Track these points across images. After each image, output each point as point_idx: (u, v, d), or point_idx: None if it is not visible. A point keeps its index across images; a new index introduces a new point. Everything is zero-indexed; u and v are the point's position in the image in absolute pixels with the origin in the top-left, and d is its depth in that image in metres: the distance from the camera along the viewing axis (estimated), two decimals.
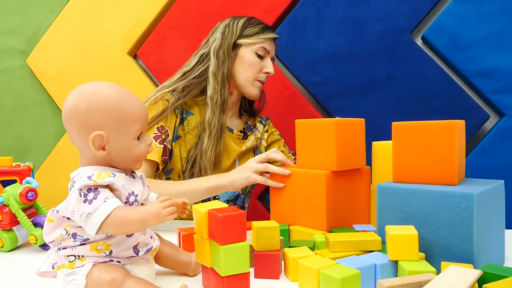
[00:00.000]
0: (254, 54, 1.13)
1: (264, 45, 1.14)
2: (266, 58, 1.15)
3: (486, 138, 1.29)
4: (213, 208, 0.58)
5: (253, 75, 1.14)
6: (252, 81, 1.14)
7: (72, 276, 0.56)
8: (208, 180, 0.97)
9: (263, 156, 0.94)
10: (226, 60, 1.11)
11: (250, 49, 1.13)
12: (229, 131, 1.17)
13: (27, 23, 1.67)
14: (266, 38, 1.14)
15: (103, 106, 0.56)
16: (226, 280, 0.55)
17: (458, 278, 0.50)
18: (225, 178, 0.95)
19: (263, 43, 1.14)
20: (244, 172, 0.92)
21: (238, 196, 1.17)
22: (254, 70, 1.14)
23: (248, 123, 1.26)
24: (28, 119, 1.70)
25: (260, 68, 1.14)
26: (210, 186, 0.96)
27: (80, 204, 0.53)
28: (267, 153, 0.94)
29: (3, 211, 0.83)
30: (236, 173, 0.94)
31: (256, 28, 1.14)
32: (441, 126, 0.66)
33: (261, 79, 1.15)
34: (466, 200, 0.59)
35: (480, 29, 1.28)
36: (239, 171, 0.94)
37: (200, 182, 0.97)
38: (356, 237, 0.66)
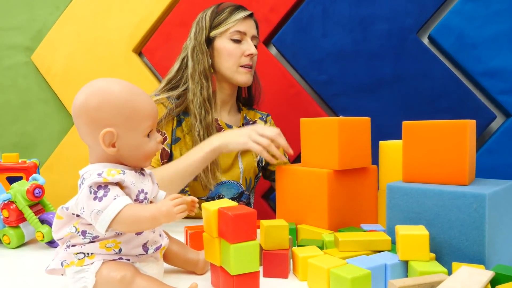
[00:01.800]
0: (229, 42, 1.08)
1: (237, 28, 1.08)
2: (244, 40, 1.10)
3: (492, 138, 1.29)
4: (223, 206, 0.57)
5: (234, 63, 1.09)
6: (236, 69, 1.10)
7: (81, 274, 0.55)
8: (201, 148, 0.93)
9: (270, 132, 0.89)
10: (202, 59, 1.07)
11: (224, 38, 1.09)
12: (228, 127, 1.14)
13: (32, 20, 1.67)
14: (237, 20, 1.08)
15: (114, 103, 0.55)
16: (236, 279, 0.55)
17: (470, 279, 0.50)
18: (220, 139, 0.92)
19: (235, 26, 1.08)
20: (242, 137, 0.89)
21: (242, 193, 1.16)
22: (234, 57, 1.09)
23: (248, 118, 1.23)
24: (32, 116, 1.70)
25: (240, 53, 1.09)
26: (206, 153, 0.92)
27: (90, 201, 0.53)
28: (275, 132, 0.89)
29: (10, 208, 0.83)
30: (233, 136, 0.91)
31: (224, 14, 1.09)
32: (453, 125, 0.65)
33: (245, 63, 1.10)
34: (478, 201, 0.58)
35: (487, 29, 1.27)
36: (238, 134, 0.91)
37: (195, 153, 0.94)
38: (365, 237, 0.65)
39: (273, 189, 1.48)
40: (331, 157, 0.78)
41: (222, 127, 1.13)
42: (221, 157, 1.11)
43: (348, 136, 0.79)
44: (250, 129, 0.91)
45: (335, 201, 0.78)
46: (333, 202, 0.77)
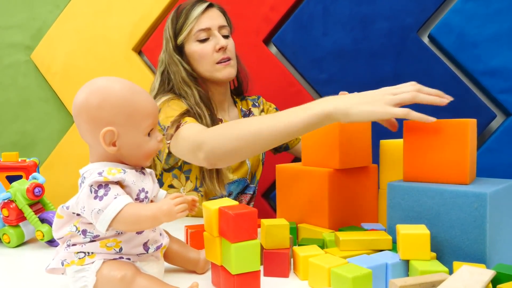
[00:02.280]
0: (197, 43, 1.04)
1: (199, 26, 1.03)
2: (211, 36, 1.05)
3: (492, 137, 1.29)
4: (224, 205, 0.57)
5: (209, 62, 1.05)
6: (213, 68, 1.05)
7: (82, 273, 0.55)
8: (307, 109, 0.70)
9: (407, 87, 0.68)
10: (177, 70, 1.04)
11: (190, 41, 1.05)
12: None
13: (32, 18, 1.67)
14: (196, 18, 1.03)
15: (115, 102, 0.55)
16: (237, 278, 0.55)
17: (471, 278, 0.50)
18: (334, 103, 0.68)
19: (196, 25, 1.03)
20: (373, 103, 0.66)
21: (247, 186, 1.15)
22: (206, 57, 1.04)
23: (243, 109, 1.20)
24: (32, 115, 1.69)
25: (210, 50, 1.04)
26: (312, 116, 0.69)
27: (90, 200, 0.53)
28: (413, 84, 0.69)
29: (10, 207, 0.82)
30: (357, 102, 0.67)
31: (182, 17, 1.04)
32: (454, 124, 0.65)
33: (220, 58, 1.05)
34: (479, 200, 0.58)
35: (488, 28, 1.27)
36: (363, 99, 0.67)
37: (297, 113, 0.71)
38: (366, 236, 0.65)
39: (273, 188, 1.48)
40: (331, 156, 0.78)
41: None
42: None
43: (349, 135, 0.79)
44: (380, 91, 0.69)
45: (335, 200, 0.77)
46: (334, 201, 0.77)
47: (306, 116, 0.70)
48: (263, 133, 0.74)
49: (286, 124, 0.72)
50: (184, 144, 0.88)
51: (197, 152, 0.82)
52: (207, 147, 0.80)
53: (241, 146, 0.77)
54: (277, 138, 0.74)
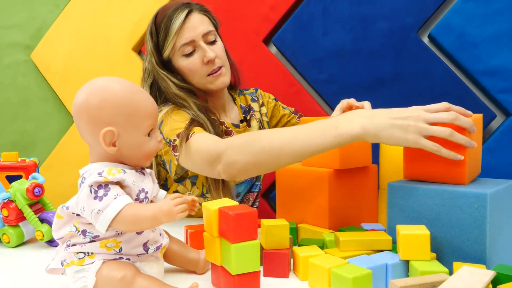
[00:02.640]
0: (183, 58, 0.98)
1: (181, 41, 0.96)
2: (197, 47, 0.98)
3: (492, 137, 1.29)
4: (224, 206, 0.57)
5: (200, 76, 1.00)
6: (206, 81, 1.01)
7: (82, 273, 0.55)
8: (335, 130, 0.67)
9: (445, 116, 0.62)
10: (166, 85, 0.98)
11: (177, 56, 0.99)
12: (236, 127, 1.11)
13: (31, 18, 1.67)
14: (176, 32, 0.95)
15: (115, 102, 0.55)
16: (237, 279, 0.55)
17: (472, 278, 0.49)
18: (366, 124, 0.65)
19: (178, 39, 0.96)
20: (406, 130, 0.63)
21: (253, 185, 1.14)
22: (196, 71, 0.99)
23: (243, 105, 1.16)
24: (32, 114, 1.69)
25: (199, 64, 0.98)
26: (339, 139, 0.67)
27: (90, 200, 0.53)
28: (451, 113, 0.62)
29: (10, 207, 0.82)
30: (389, 125, 0.64)
31: (162, 33, 0.97)
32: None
33: (210, 70, 1.00)
34: (479, 200, 0.58)
35: (488, 28, 1.27)
36: (396, 123, 0.63)
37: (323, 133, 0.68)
38: (366, 236, 0.65)
39: (273, 188, 1.48)
40: (332, 157, 0.78)
41: (230, 129, 1.09)
42: None
43: None
44: (414, 115, 0.64)
45: (335, 200, 0.77)
46: (334, 202, 0.77)
47: (333, 138, 0.68)
48: (286, 150, 0.72)
49: (310, 145, 0.70)
50: (198, 157, 0.83)
51: (215, 164, 0.78)
52: (228, 159, 0.76)
53: (262, 160, 0.74)
54: (301, 156, 0.72)
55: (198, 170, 0.86)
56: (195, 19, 0.98)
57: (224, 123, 1.08)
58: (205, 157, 0.81)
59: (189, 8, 0.98)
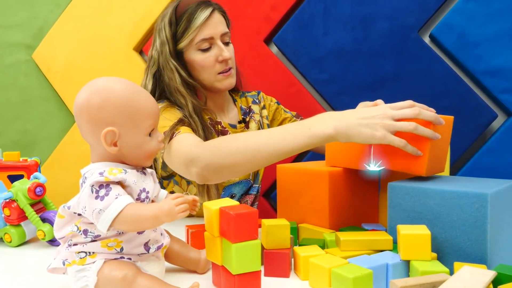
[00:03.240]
0: (198, 52, 0.99)
1: (202, 36, 0.98)
2: (213, 45, 1.00)
3: (493, 137, 1.29)
4: (224, 205, 0.57)
5: (210, 73, 1.01)
6: (215, 78, 1.02)
7: (83, 273, 0.55)
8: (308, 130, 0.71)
9: (409, 112, 0.67)
10: (172, 76, 0.98)
11: (191, 50, 0.99)
12: (232, 128, 1.10)
13: (33, 18, 1.67)
14: (198, 27, 0.97)
15: (116, 102, 0.55)
16: (238, 278, 0.55)
17: (472, 278, 0.50)
18: (337, 125, 0.69)
19: (198, 34, 0.97)
20: (374, 127, 0.67)
21: (250, 187, 1.14)
22: (208, 68, 1.00)
23: (243, 107, 1.16)
24: (33, 114, 1.69)
25: (213, 61, 1.00)
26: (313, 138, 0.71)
27: (91, 200, 0.53)
28: (414, 109, 0.67)
29: (11, 206, 0.83)
30: (358, 124, 0.68)
31: (183, 23, 0.98)
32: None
33: (222, 69, 1.01)
34: (480, 200, 0.58)
35: (489, 28, 1.27)
36: (365, 122, 0.67)
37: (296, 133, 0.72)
38: (367, 236, 0.65)
39: (274, 188, 1.48)
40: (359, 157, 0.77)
41: (227, 129, 1.09)
42: None
43: None
44: (380, 113, 0.68)
45: (336, 200, 0.77)
46: (334, 201, 0.77)
47: (306, 138, 0.71)
48: (261, 151, 0.74)
49: (285, 145, 0.72)
50: (176, 157, 0.84)
51: (190, 166, 0.79)
52: (202, 162, 0.77)
53: (236, 162, 0.76)
54: (274, 158, 0.74)
55: (176, 170, 0.87)
56: (217, 19, 1.01)
57: (220, 123, 1.08)
58: (181, 159, 0.82)
59: (212, 7, 1.00)
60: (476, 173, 1.26)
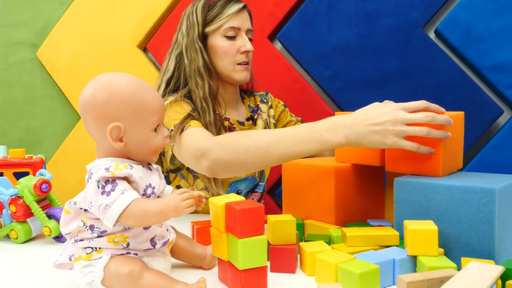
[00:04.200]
0: (223, 39, 1.03)
1: (231, 24, 1.03)
2: (239, 36, 1.05)
3: (499, 133, 1.28)
4: (230, 201, 0.57)
5: (230, 61, 1.05)
6: (233, 68, 1.05)
7: (90, 268, 0.55)
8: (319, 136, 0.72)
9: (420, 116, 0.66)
10: (195, 57, 1.02)
11: (217, 35, 1.04)
12: (240, 124, 1.11)
13: (37, 16, 1.67)
14: (230, 15, 1.02)
15: (121, 97, 0.55)
16: (244, 274, 0.55)
17: (480, 274, 0.49)
18: (349, 133, 0.69)
19: (228, 22, 1.03)
20: (385, 135, 0.67)
21: (257, 185, 1.14)
22: (230, 55, 1.04)
23: (251, 105, 1.19)
24: (38, 112, 1.70)
25: (235, 50, 1.04)
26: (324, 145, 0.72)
27: (98, 196, 0.53)
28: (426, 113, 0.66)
29: (17, 203, 0.83)
30: (370, 131, 0.68)
31: (216, 8, 1.03)
32: None
33: (241, 60, 1.05)
34: (488, 195, 0.58)
35: (495, 23, 1.26)
36: (376, 129, 0.67)
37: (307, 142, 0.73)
38: (373, 232, 0.65)
39: (279, 185, 1.48)
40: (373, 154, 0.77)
41: (234, 126, 1.10)
42: None
43: None
44: (391, 118, 0.67)
45: (342, 196, 0.77)
46: (340, 197, 0.77)
47: (317, 145, 0.72)
48: (271, 152, 0.76)
49: (295, 149, 0.74)
50: (187, 150, 0.87)
51: (200, 159, 0.82)
52: (212, 156, 0.80)
53: (246, 160, 0.78)
54: (283, 159, 0.77)
55: (185, 163, 0.91)
56: (246, 15, 1.08)
57: (229, 119, 1.09)
58: (192, 152, 0.85)
59: (244, 4, 1.07)
60: (482, 169, 1.25)
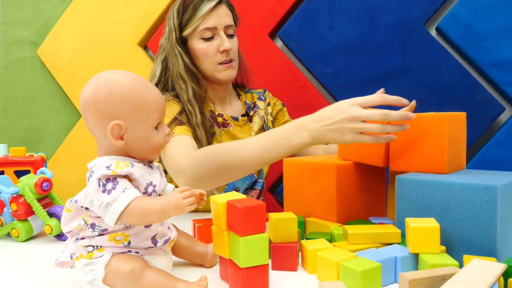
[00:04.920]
0: (200, 41, 1.03)
1: (205, 25, 1.02)
2: (216, 35, 1.04)
3: (501, 130, 1.27)
4: (232, 199, 0.57)
5: (211, 62, 1.04)
6: (215, 68, 1.05)
7: (91, 267, 0.55)
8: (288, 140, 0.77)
9: (376, 112, 0.68)
10: (176, 62, 1.03)
11: (194, 38, 1.04)
12: (234, 120, 1.12)
13: (37, 14, 1.67)
14: (202, 16, 1.01)
15: (122, 95, 0.55)
16: (246, 272, 0.55)
17: (482, 271, 0.49)
18: (314, 133, 0.75)
19: (202, 23, 1.02)
20: (342, 132, 0.71)
21: (255, 182, 1.14)
22: (209, 57, 1.04)
23: (248, 102, 1.19)
24: (39, 110, 1.70)
25: (214, 50, 1.04)
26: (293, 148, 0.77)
27: (99, 194, 0.53)
28: (382, 110, 0.69)
29: (18, 201, 0.83)
30: (332, 130, 0.73)
31: (189, 11, 1.02)
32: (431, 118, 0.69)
33: (222, 60, 1.04)
34: (490, 193, 0.58)
35: (496, 20, 1.26)
36: (336, 127, 0.72)
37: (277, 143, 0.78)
38: (375, 230, 0.65)
39: (279, 182, 1.47)
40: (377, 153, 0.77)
41: (228, 121, 1.11)
42: None
43: None
44: (346, 116, 0.71)
45: (344, 193, 0.77)
46: (342, 195, 0.77)
47: (288, 149, 0.78)
48: (247, 164, 0.82)
49: (267, 157, 0.80)
50: (167, 163, 0.91)
51: (178, 176, 0.86)
52: (188, 174, 0.84)
53: (222, 175, 0.83)
54: (259, 167, 0.82)
55: (168, 172, 0.93)
56: (223, 10, 1.04)
57: (222, 115, 1.10)
58: (170, 166, 0.89)
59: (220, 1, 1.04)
60: (484, 166, 1.25)
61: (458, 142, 0.73)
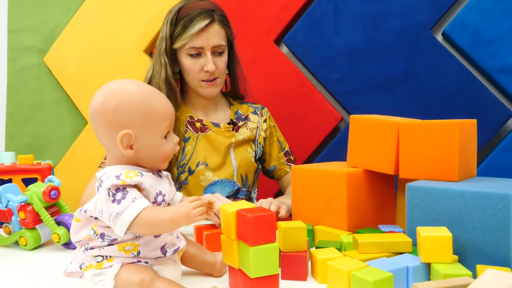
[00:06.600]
0: (187, 57, 1.06)
1: (192, 44, 1.04)
2: (202, 54, 1.06)
3: (509, 135, 1.26)
4: (241, 208, 0.57)
5: (194, 78, 1.08)
6: (198, 84, 1.09)
7: (100, 277, 0.55)
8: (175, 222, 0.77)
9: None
10: (159, 70, 1.05)
11: (182, 53, 1.07)
12: (215, 126, 1.13)
13: (44, 22, 1.68)
14: (191, 35, 1.03)
15: (132, 104, 0.55)
16: (256, 282, 0.54)
17: (498, 282, 0.48)
18: None
19: (190, 41, 1.04)
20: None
21: (238, 190, 1.14)
22: (193, 73, 1.07)
23: (240, 112, 1.19)
24: (45, 117, 1.70)
25: (199, 68, 1.06)
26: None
27: (108, 204, 0.52)
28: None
29: (26, 210, 0.83)
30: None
31: (180, 27, 1.04)
32: (443, 125, 0.69)
33: (206, 78, 1.07)
34: (503, 201, 0.57)
35: (503, 25, 1.25)
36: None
37: None
38: (385, 238, 0.64)
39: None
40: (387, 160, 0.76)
41: (207, 127, 1.12)
42: (210, 155, 1.09)
43: None
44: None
45: (354, 201, 0.77)
46: (352, 203, 0.76)
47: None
48: None
49: None
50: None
51: None
52: None
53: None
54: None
55: None
56: (213, 31, 1.05)
57: (202, 121, 1.13)
58: None
59: (211, 18, 1.04)
60: (492, 172, 1.24)
61: (469, 149, 0.72)
